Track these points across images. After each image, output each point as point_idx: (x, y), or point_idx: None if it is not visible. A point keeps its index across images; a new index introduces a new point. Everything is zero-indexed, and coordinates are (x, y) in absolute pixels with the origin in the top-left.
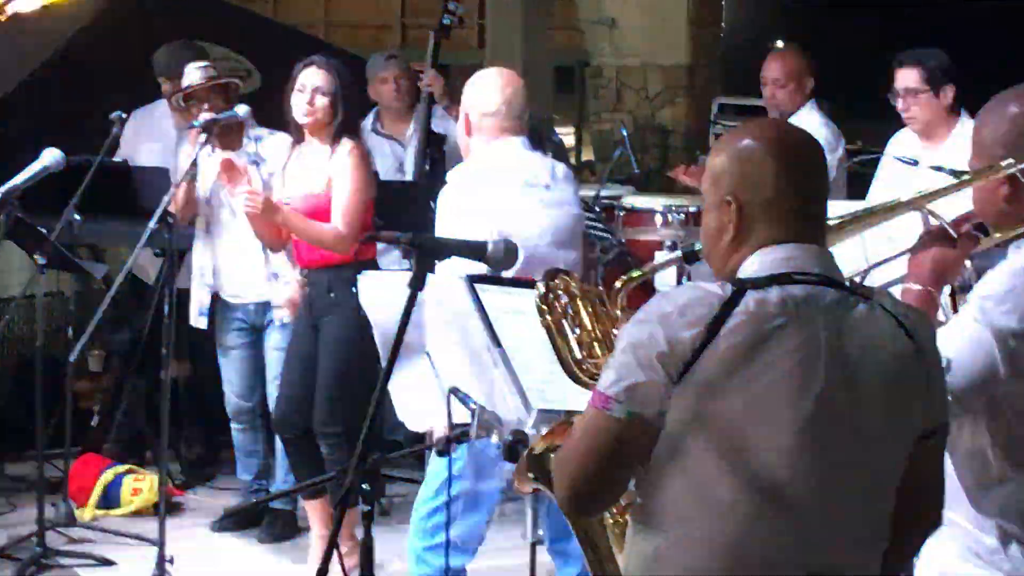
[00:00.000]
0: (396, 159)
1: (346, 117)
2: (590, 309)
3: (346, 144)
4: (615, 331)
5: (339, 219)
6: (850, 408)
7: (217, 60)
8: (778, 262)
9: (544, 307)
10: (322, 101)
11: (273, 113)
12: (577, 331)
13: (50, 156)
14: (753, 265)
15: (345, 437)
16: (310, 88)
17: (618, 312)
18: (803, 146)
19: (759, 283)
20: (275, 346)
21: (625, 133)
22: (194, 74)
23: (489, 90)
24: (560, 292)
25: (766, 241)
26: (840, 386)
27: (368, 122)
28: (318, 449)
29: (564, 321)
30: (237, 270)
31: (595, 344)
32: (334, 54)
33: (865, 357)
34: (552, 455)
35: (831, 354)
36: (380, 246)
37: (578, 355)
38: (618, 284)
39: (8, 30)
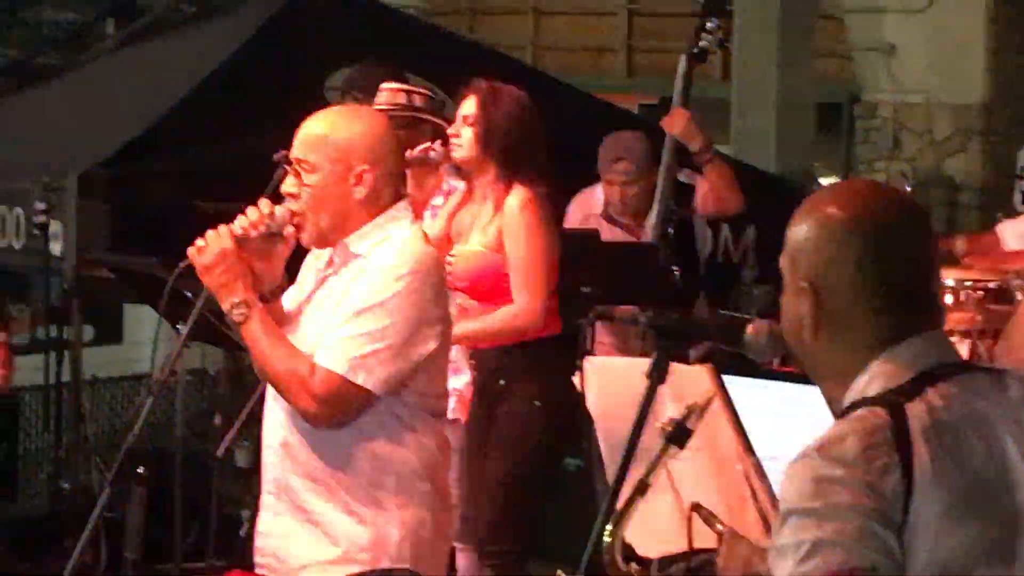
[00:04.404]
0: None
1: (510, 156)
2: None
3: (518, 194)
4: None
5: (523, 290)
6: None
7: None
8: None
9: None
10: (467, 133)
11: None
12: None
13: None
14: (876, 379)
15: (514, 557)
16: (460, 119)
17: None
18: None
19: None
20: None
21: (907, 190)
22: (393, 96)
23: None
24: None
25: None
26: None
27: (597, 203)
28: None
29: None
30: None
31: None
32: (542, 82)
33: None
34: None
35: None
36: None
37: None
38: None
39: (144, 55)
